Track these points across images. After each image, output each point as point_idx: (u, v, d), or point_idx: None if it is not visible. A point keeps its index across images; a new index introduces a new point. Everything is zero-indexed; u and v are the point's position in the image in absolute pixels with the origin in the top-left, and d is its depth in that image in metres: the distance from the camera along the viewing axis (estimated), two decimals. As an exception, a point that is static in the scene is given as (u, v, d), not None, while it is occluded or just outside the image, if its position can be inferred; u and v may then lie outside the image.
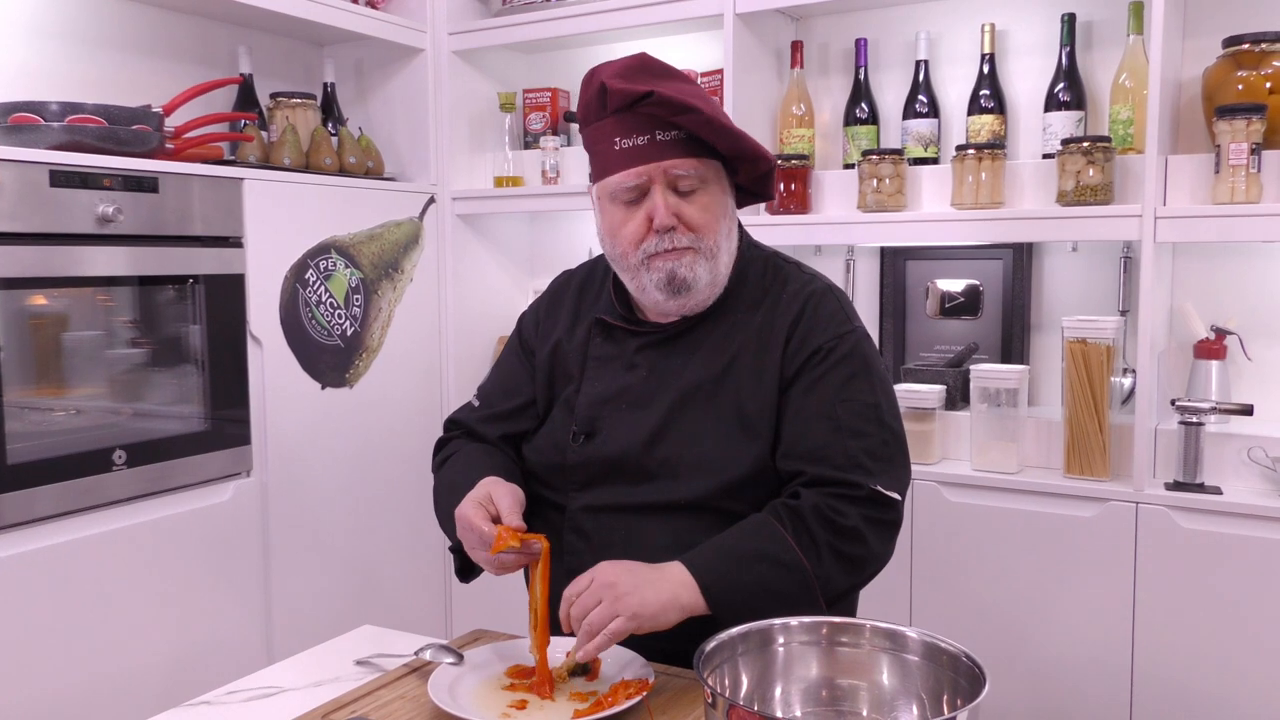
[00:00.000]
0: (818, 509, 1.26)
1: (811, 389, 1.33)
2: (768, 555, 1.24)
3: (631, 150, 1.30)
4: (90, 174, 1.89)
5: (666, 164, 1.30)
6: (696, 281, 1.34)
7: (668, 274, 1.33)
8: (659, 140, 1.29)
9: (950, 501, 2.15)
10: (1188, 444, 1.99)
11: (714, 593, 1.22)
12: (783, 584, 1.24)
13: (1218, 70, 2.02)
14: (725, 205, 1.36)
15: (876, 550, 1.30)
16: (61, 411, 1.95)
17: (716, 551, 1.26)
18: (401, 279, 2.60)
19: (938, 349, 2.45)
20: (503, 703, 1.19)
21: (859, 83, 2.43)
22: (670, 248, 1.32)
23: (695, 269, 1.33)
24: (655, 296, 1.36)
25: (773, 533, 1.26)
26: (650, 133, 1.29)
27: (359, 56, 2.76)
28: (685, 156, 1.30)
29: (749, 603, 1.21)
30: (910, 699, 1.05)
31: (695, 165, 1.31)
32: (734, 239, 1.39)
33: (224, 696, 1.27)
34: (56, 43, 2.23)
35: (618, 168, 1.31)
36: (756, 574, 1.23)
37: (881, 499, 1.29)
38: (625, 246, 1.35)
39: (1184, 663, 1.95)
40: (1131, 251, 2.21)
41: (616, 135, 1.30)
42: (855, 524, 1.26)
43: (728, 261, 1.37)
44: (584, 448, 1.39)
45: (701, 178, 1.32)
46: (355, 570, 2.48)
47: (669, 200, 1.31)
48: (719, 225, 1.34)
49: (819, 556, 1.25)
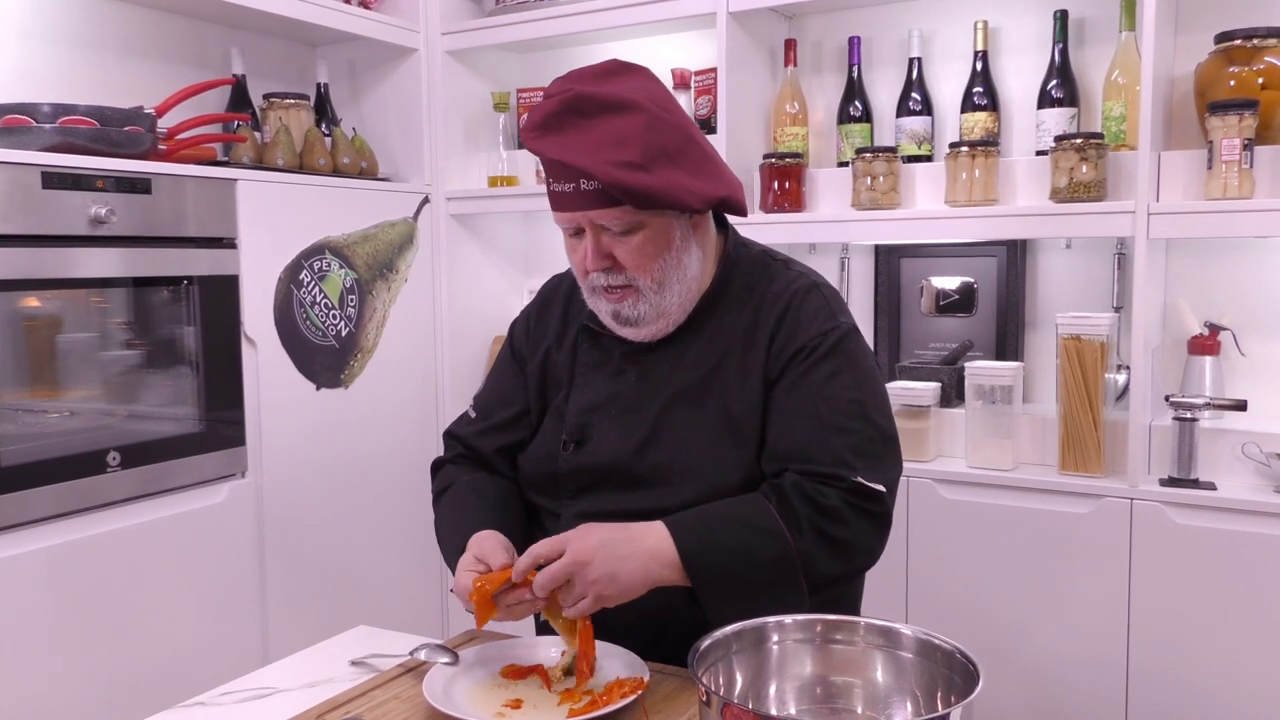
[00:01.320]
0: (798, 485, 1.26)
1: (794, 388, 1.32)
2: (748, 520, 1.24)
3: (561, 195, 1.29)
4: (83, 175, 1.88)
5: (591, 214, 1.28)
6: (641, 318, 1.34)
7: (612, 310, 1.35)
8: (583, 190, 1.27)
9: (945, 499, 2.15)
10: (1182, 440, 2.00)
11: (692, 555, 1.22)
12: (763, 550, 1.23)
13: (1210, 66, 2.03)
14: (668, 239, 1.32)
15: (862, 538, 1.28)
16: (56, 413, 1.95)
17: (698, 514, 1.26)
18: (396, 279, 2.60)
19: (932, 346, 2.46)
20: (497, 702, 1.19)
21: (852, 80, 2.43)
22: (607, 285, 1.33)
23: (638, 308, 1.33)
24: (609, 323, 1.38)
25: (756, 502, 1.26)
26: (575, 180, 1.27)
27: (352, 57, 2.76)
28: (608, 206, 1.27)
29: (728, 565, 1.21)
30: (904, 696, 1.06)
31: (618, 214, 1.28)
32: (693, 264, 1.35)
33: (218, 697, 1.27)
34: (48, 44, 2.22)
35: (553, 206, 1.32)
36: (737, 538, 1.23)
37: (865, 490, 1.27)
38: (576, 273, 1.37)
39: (1178, 658, 1.95)
40: (1125, 248, 2.21)
41: (550, 176, 1.31)
42: (836, 504, 1.25)
43: (683, 290, 1.35)
44: (575, 455, 1.39)
45: (632, 222, 1.29)
46: (350, 571, 2.48)
47: (601, 242, 1.30)
48: (655, 262, 1.31)
49: (800, 530, 1.24)
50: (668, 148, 1.27)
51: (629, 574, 1.20)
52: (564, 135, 1.25)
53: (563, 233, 1.36)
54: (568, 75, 1.31)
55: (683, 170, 1.28)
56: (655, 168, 1.25)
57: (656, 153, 1.26)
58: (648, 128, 1.26)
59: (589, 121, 1.26)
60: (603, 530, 1.22)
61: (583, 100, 1.26)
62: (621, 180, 1.23)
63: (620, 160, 1.23)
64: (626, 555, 1.21)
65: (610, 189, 1.24)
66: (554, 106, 1.26)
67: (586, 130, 1.25)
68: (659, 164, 1.26)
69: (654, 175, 1.25)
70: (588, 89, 1.26)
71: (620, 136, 1.25)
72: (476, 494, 1.44)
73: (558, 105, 1.26)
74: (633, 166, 1.24)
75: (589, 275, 1.33)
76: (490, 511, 1.40)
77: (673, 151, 1.28)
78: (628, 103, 1.27)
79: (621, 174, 1.23)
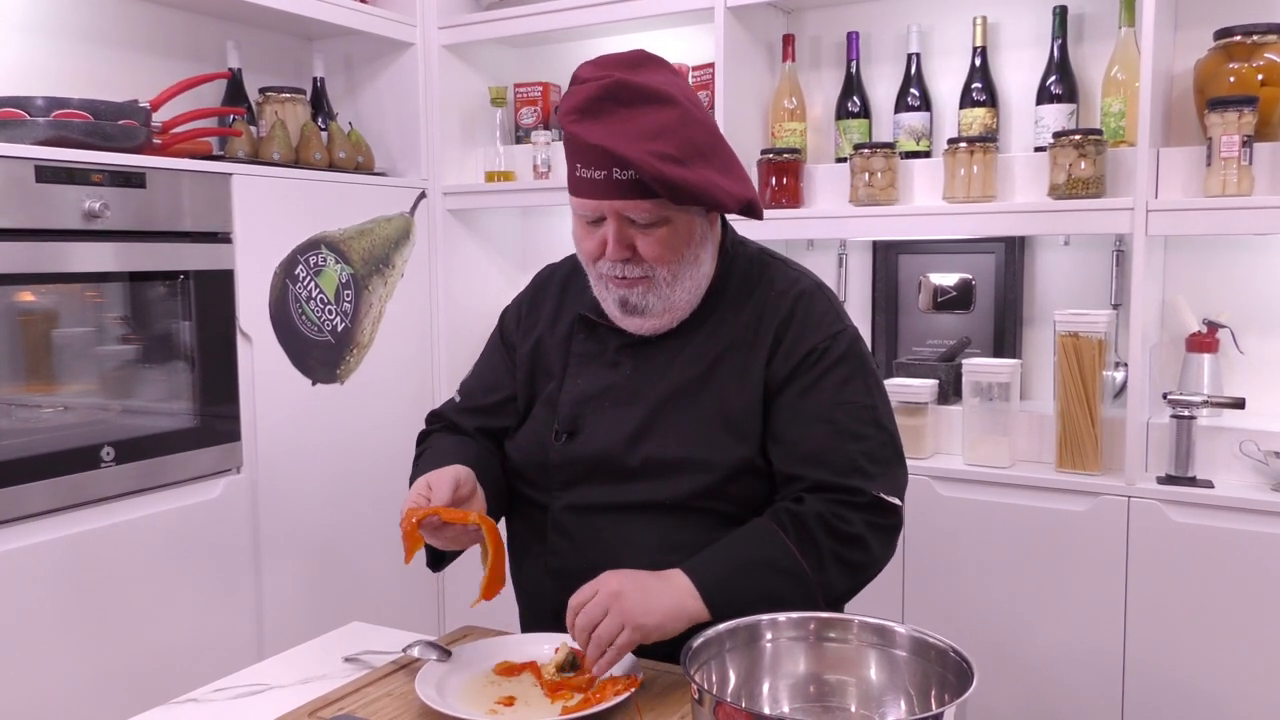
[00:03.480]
0: (821, 516, 1.26)
1: (808, 391, 1.32)
2: (770, 563, 1.24)
3: (588, 183, 1.27)
4: (77, 169, 1.88)
5: (619, 205, 1.26)
6: (649, 308, 1.33)
7: (620, 299, 1.33)
8: (615, 179, 1.25)
9: (942, 496, 2.14)
10: (1179, 438, 1.99)
11: (716, 601, 1.21)
12: (784, 591, 1.23)
13: (1209, 62, 2.02)
14: (690, 234, 1.32)
15: (878, 555, 1.31)
16: (50, 408, 1.94)
17: (718, 559, 1.25)
18: (392, 274, 2.59)
19: (930, 343, 2.45)
20: (490, 699, 1.19)
21: (850, 76, 2.42)
22: (621, 276, 1.31)
23: (647, 297, 1.32)
24: (614, 312, 1.36)
25: (775, 540, 1.25)
26: (608, 169, 1.25)
27: (348, 51, 2.75)
28: (640, 198, 1.25)
29: (750, 610, 1.20)
30: (898, 694, 1.05)
31: (649, 208, 1.26)
32: (706, 261, 1.35)
33: (211, 694, 1.27)
34: (42, 37, 2.22)
35: (576, 193, 1.30)
36: (758, 581, 1.23)
37: (884, 505, 1.29)
38: (585, 259, 1.36)
39: (1175, 656, 1.95)
40: (1123, 244, 2.21)
41: (577, 162, 1.28)
42: (859, 531, 1.27)
43: (693, 286, 1.35)
44: (566, 446, 1.38)
45: (659, 215, 1.28)
46: (344, 567, 2.47)
47: (623, 233, 1.29)
48: (677, 256, 1.31)
49: (821, 564, 1.25)
50: (701, 145, 1.27)
51: (662, 604, 1.19)
52: (605, 122, 1.24)
53: (575, 218, 1.34)
54: (599, 61, 1.30)
55: (714, 168, 1.28)
56: (692, 163, 1.25)
57: (692, 149, 1.25)
58: (683, 123, 1.26)
59: (629, 110, 1.24)
60: (629, 570, 1.23)
61: (624, 88, 1.24)
62: (664, 173, 1.22)
63: (661, 153, 1.22)
64: (658, 588, 1.21)
65: (652, 181, 1.22)
66: (595, 91, 1.24)
67: (627, 119, 1.24)
68: (695, 160, 1.25)
69: (691, 171, 1.24)
70: (629, 77, 1.25)
71: (660, 129, 1.24)
72: (457, 447, 1.44)
73: (599, 90, 1.24)
74: (673, 160, 1.23)
75: (600, 263, 1.32)
76: (467, 460, 1.38)
77: (705, 149, 1.28)
78: (665, 95, 1.25)
79: (664, 167, 1.22)
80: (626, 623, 1.17)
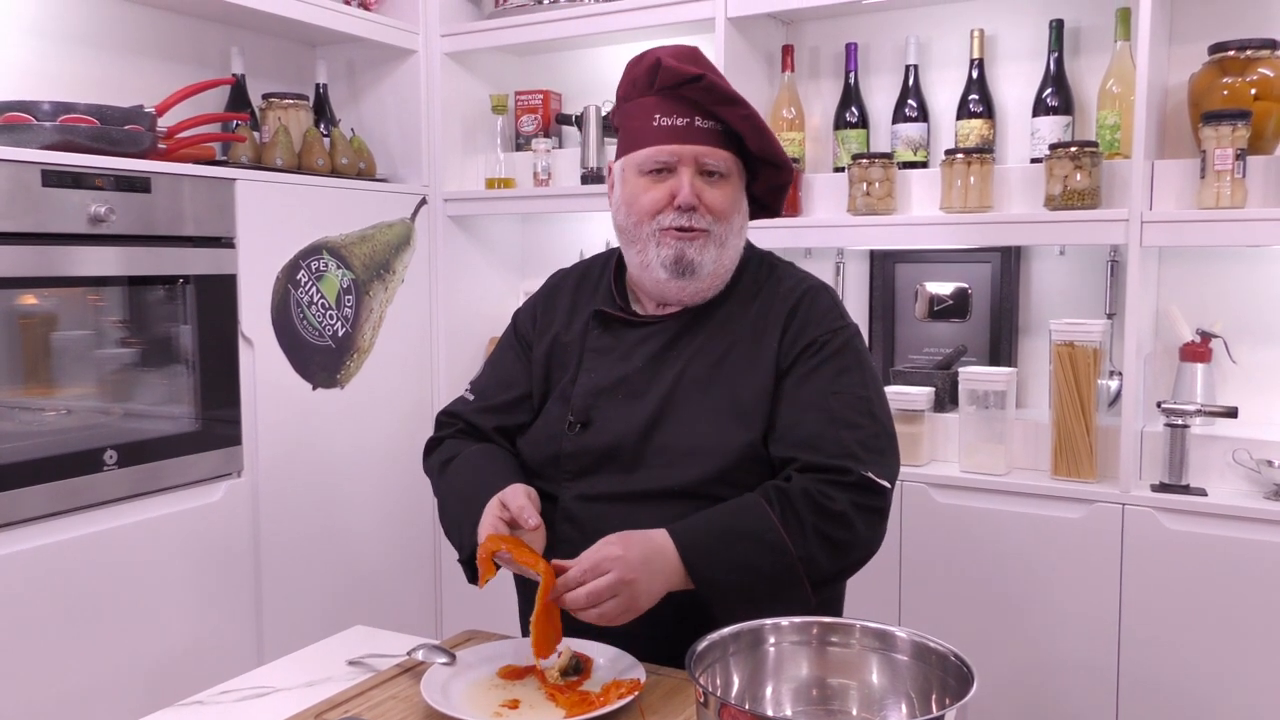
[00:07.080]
0: (806, 492, 1.28)
1: (805, 380, 1.36)
2: (751, 534, 1.26)
3: (670, 129, 1.35)
4: (82, 174, 1.89)
5: (700, 150, 1.36)
6: (702, 266, 1.38)
7: (676, 253, 1.37)
8: (697, 126, 1.36)
9: (938, 503, 2.16)
10: (1173, 446, 2.01)
11: (697, 567, 1.24)
12: (766, 563, 1.26)
13: (1203, 76, 2.04)
14: (741, 203, 1.43)
15: (864, 536, 1.32)
16: (52, 411, 1.95)
17: (702, 527, 1.28)
18: (393, 280, 2.60)
19: (926, 351, 2.47)
20: (495, 703, 1.20)
21: (849, 87, 2.44)
22: (686, 225, 1.37)
23: (704, 252, 1.38)
24: (658, 275, 1.39)
25: (759, 512, 1.28)
26: (691, 117, 1.35)
27: (351, 57, 2.77)
28: (719, 147, 1.37)
29: (730, 578, 1.24)
30: (899, 698, 1.07)
31: (725, 158, 1.38)
32: (742, 237, 1.44)
33: (216, 696, 1.28)
34: (49, 42, 2.23)
35: (651, 142, 1.37)
36: (740, 552, 1.26)
37: (871, 485, 1.31)
38: (641, 215, 1.39)
39: (1170, 663, 1.97)
40: (1118, 255, 2.23)
41: (657, 112, 1.36)
42: (843, 509, 1.28)
43: (733, 256, 1.43)
44: (579, 437, 1.40)
45: (727, 171, 1.39)
46: (346, 571, 2.48)
47: (695, 182, 1.37)
48: (734, 217, 1.40)
49: (804, 538, 1.27)
50: None
51: (657, 589, 1.24)
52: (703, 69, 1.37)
53: (632, 180, 1.40)
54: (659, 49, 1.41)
55: None
56: None
57: None
58: None
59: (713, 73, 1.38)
60: (636, 546, 1.23)
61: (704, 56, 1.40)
62: (757, 119, 1.36)
63: None
64: (656, 571, 1.23)
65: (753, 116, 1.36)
66: (685, 49, 1.42)
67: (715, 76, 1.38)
68: None
69: None
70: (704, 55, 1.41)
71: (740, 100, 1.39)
72: (492, 459, 1.45)
73: (689, 49, 1.40)
74: None
75: (661, 213, 1.38)
76: (514, 474, 1.41)
77: None
78: None
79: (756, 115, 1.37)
80: (631, 608, 1.21)
